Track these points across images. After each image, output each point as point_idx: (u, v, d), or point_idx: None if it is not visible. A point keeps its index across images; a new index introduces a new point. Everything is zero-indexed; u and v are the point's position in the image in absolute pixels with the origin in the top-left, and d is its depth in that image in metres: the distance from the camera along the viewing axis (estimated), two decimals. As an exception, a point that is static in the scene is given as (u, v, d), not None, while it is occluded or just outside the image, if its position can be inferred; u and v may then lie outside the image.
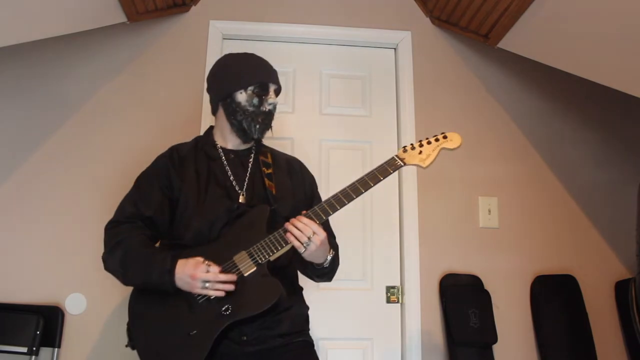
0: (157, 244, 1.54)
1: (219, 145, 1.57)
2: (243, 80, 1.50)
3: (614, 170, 2.50)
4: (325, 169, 2.36)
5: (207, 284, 1.31)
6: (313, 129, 2.40)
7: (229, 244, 1.40)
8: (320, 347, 2.19)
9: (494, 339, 2.15)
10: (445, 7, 2.45)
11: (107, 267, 1.46)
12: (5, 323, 1.98)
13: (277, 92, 1.54)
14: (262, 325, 1.39)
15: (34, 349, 1.95)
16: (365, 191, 1.42)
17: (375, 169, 1.45)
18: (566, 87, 2.54)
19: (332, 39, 2.51)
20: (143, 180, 1.56)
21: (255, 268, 1.36)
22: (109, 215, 2.23)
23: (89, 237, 2.16)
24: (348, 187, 1.42)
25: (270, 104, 1.52)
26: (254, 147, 1.60)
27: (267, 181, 1.52)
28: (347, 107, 2.46)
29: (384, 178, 1.44)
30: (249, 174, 1.54)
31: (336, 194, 1.41)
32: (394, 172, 1.45)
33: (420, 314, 2.21)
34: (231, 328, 1.34)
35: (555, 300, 2.26)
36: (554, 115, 2.54)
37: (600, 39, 1.86)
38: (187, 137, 2.27)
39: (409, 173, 2.34)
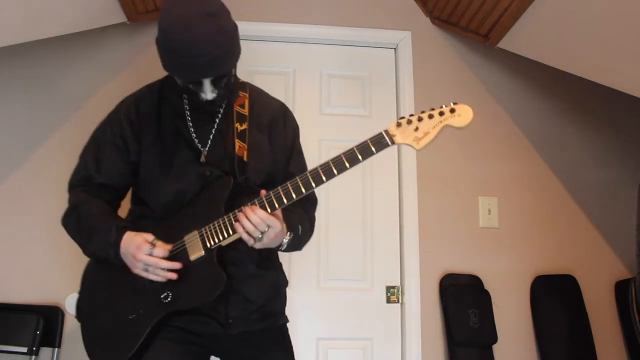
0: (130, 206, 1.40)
1: (202, 102, 1.25)
2: (167, 66, 1.21)
3: (614, 170, 2.50)
4: (325, 169, 2.36)
5: (148, 267, 1.18)
6: (313, 128, 2.40)
7: (185, 220, 1.24)
8: (320, 347, 2.19)
9: (494, 339, 2.15)
10: (445, 7, 2.45)
11: (68, 233, 1.34)
12: (5, 323, 1.98)
13: (217, 80, 1.22)
14: (242, 299, 1.27)
15: (34, 349, 1.95)
16: (338, 173, 1.18)
17: (357, 146, 1.18)
18: (566, 87, 2.54)
19: (332, 39, 2.50)
20: (96, 140, 1.36)
21: (202, 253, 1.20)
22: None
23: (89, 237, 2.16)
24: (320, 166, 1.19)
25: (211, 95, 1.23)
26: (230, 94, 1.33)
27: (237, 143, 1.29)
28: (347, 107, 2.46)
29: (364, 159, 1.18)
30: (216, 128, 1.31)
31: (305, 173, 1.19)
32: (378, 151, 1.18)
33: (420, 314, 2.21)
34: (172, 318, 1.22)
35: (555, 300, 2.26)
36: (553, 115, 2.54)
37: (601, 39, 1.86)
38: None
39: (409, 172, 2.34)
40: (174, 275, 1.19)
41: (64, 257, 2.14)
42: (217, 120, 1.32)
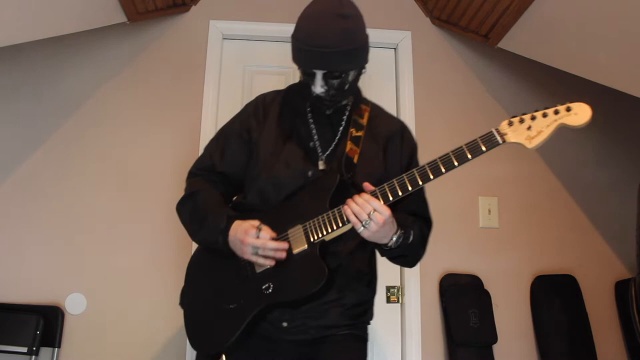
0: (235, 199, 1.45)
1: (312, 95, 1.29)
2: (293, 56, 1.29)
3: (614, 170, 2.50)
4: (325, 169, 2.36)
5: (258, 250, 1.20)
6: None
7: (289, 214, 1.26)
8: (320, 347, 2.19)
9: (494, 339, 2.15)
10: (445, 7, 2.45)
11: (180, 220, 1.38)
12: (5, 323, 1.98)
13: (329, 76, 1.25)
14: (307, 313, 1.25)
15: (34, 349, 1.95)
16: (447, 171, 1.19)
17: (466, 144, 1.19)
18: (566, 87, 2.54)
19: (332, 39, 2.50)
20: (224, 132, 1.43)
21: (306, 246, 1.21)
22: (109, 214, 2.23)
23: (89, 237, 2.17)
24: (428, 164, 1.20)
25: (320, 90, 1.26)
26: (349, 103, 1.38)
27: (349, 144, 1.31)
28: (347, 107, 2.46)
29: (473, 157, 1.18)
30: (340, 135, 1.34)
31: (412, 171, 1.19)
32: (488, 150, 1.18)
33: (420, 314, 2.21)
34: (271, 311, 1.24)
35: (555, 300, 2.26)
36: (554, 115, 2.54)
37: (600, 39, 1.86)
38: (188, 137, 2.30)
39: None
40: (283, 255, 1.20)
41: (64, 257, 2.15)
42: (341, 126, 1.36)
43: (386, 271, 2.31)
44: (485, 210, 2.37)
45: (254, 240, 1.19)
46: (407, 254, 1.32)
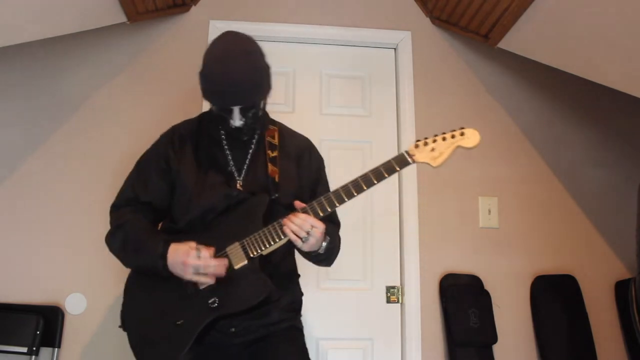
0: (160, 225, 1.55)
1: (232, 128, 1.41)
2: (204, 94, 1.40)
3: (614, 170, 2.50)
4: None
5: (199, 269, 1.30)
6: (313, 129, 2.39)
7: (223, 234, 1.37)
8: (320, 347, 2.19)
9: (494, 339, 2.15)
10: (445, 7, 2.45)
11: (111, 250, 1.47)
12: (5, 323, 1.98)
13: (245, 110, 1.38)
14: (250, 316, 1.38)
15: (34, 349, 1.95)
16: (367, 188, 1.35)
17: (382, 165, 1.36)
18: (566, 87, 2.54)
19: (332, 39, 2.50)
20: (142, 164, 1.53)
21: (246, 262, 1.34)
22: (109, 215, 2.22)
23: (89, 237, 2.16)
24: (350, 182, 1.37)
25: (239, 122, 1.38)
26: (258, 127, 1.49)
27: (270, 166, 1.45)
28: (347, 107, 2.46)
29: (389, 175, 1.36)
30: (250, 157, 1.48)
31: (337, 189, 1.37)
32: (401, 169, 1.37)
33: (420, 314, 2.21)
34: (218, 320, 1.34)
35: (555, 300, 2.26)
36: (553, 115, 2.54)
37: (601, 39, 1.86)
38: (187, 137, 2.30)
39: (409, 172, 2.34)
40: (222, 272, 1.31)
41: (64, 257, 2.15)
42: (251, 149, 1.48)
43: (386, 271, 2.32)
44: (485, 210, 2.37)
45: (195, 260, 1.29)
46: (329, 257, 1.47)
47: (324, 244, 1.38)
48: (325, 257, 1.44)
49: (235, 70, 1.32)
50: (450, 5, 2.41)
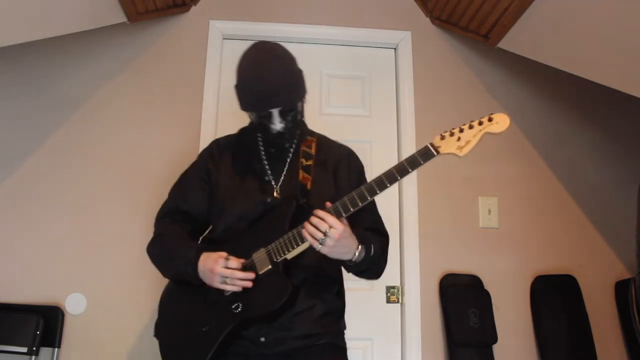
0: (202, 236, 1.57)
1: (273, 133, 1.42)
2: (242, 105, 1.43)
3: (614, 170, 2.50)
4: (325, 169, 2.36)
5: (226, 280, 1.31)
6: (313, 128, 2.39)
7: (252, 241, 1.37)
8: (320, 347, 2.19)
9: (494, 339, 2.15)
10: (445, 7, 2.45)
11: (151, 261, 1.49)
12: (5, 323, 1.98)
13: (285, 113, 1.39)
14: (281, 326, 1.34)
15: (34, 349, 1.95)
16: (390, 185, 1.29)
17: (406, 159, 1.30)
18: (566, 87, 2.54)
19: (332, 39, 2.51)
20: (184, 175, 1.58)
21: (270, 266, 1.32)
22: (109, 215, 2.24)
23: (89, 237, 2.17)
24: (373, 180, 1.31)
25: (279, 126, 1.40)
26: (297, 136, 1.50)
27: (301, 173, 1.44)
28: (347, 107, 2.46)
29: (413, 170, 1.29)
30: (287, 167, 1.47)
31: (360, 187, 1.30)
32: (425, 162, 1.29)
33: (420, 314, 2.21)
34: (247, 327, 1.33)
35: (555, 300, 2.26)
36: (553, 115, 2.54)
37: (601, 39, 1.86)
38: (188, 137, 2.30)
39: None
40: (249, 284, 1.31)
41: (64, 257, 2.15)
42: (288, 158, 1.49)
43: (386, 271, 2.31)
44: (485, 210, 2.37)
45: (223, 270, 1.30)
46: (370, 267, 1.42)
47: (357, 252, 1.32)
48: (365, 267, 1.38)
49: (269, 74, 1.34)
50: (450, 5, 2.41)
